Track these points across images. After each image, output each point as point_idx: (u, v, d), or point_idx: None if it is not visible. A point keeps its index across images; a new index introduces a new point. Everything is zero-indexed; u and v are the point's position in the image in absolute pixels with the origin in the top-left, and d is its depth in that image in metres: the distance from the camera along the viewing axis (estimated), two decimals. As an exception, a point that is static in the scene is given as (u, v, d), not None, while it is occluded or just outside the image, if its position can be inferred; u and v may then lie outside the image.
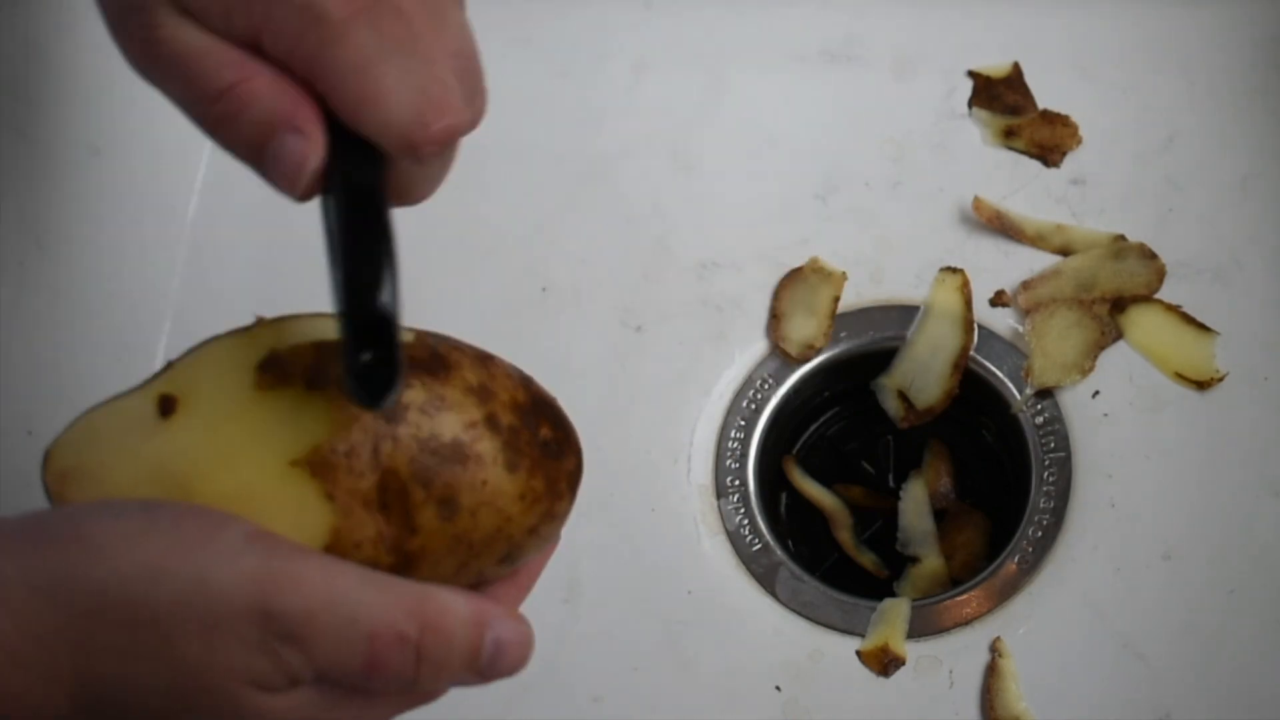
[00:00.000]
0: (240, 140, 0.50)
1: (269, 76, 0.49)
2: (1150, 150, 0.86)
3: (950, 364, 0.81)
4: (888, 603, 0.77)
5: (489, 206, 0.86)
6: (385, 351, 0.46)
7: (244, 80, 0.49)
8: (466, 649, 0.49)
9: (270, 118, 0.49)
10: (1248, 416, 0.79)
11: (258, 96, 0.49)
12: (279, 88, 0.49)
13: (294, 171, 0.49)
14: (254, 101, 0.49)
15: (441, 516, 0.49)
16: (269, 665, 0.45)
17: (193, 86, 0.50)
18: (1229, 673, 0.74)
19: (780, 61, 0.89)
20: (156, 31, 0.50)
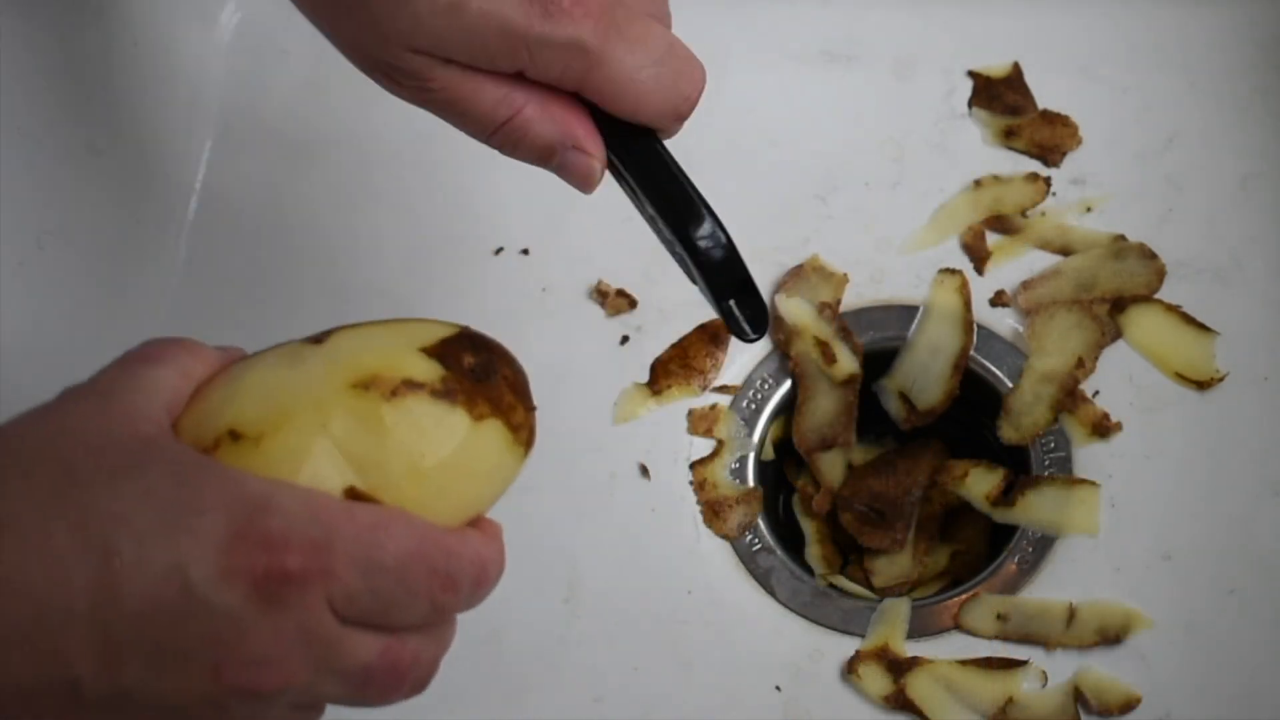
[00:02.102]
0: (527, 158, 0.60)
1: (537, 102, 0.59)
2: (1150, 150, 0.86)
3: (950, 364, 0.81)
4: (888, 603, 0.77)
5: (489, 206, 0.86)
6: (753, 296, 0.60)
7: (517, 113, 0.58)
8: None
9: (549, 141, 0.59)
10: (1248, 416, 0.79)
11: (531, 124, 0.59)
12: (548, 110, 0.59)
13: (584, 179, 0.60)
14: (529, 130, 0.59)
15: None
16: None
17: (470, 123, 0.59)
18: (1229, 673, 0.74)
19: (780, 61, 0.89)
20: (430, 84, 0.58)
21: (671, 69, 0.59)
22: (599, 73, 0.58)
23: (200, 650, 0.45)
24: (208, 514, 0.45)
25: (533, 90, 0.59)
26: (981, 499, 0.79)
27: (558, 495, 0.80)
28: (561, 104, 0.59)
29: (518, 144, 0.59)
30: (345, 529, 0.47)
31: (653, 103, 0.59)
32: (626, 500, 0.80)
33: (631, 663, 0.77)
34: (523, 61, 0.57)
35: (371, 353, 0.50)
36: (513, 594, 0.78)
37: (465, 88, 0.58)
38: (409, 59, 0.57)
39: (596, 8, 0.57)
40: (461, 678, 0.77)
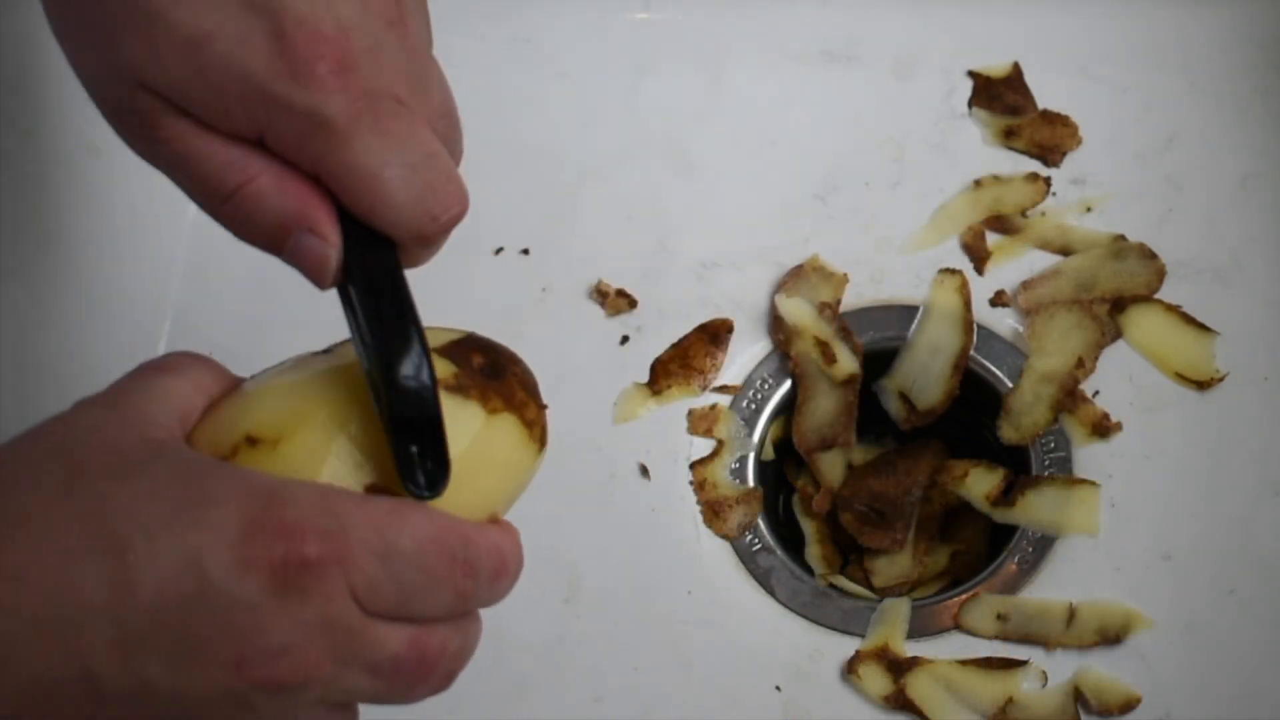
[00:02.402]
0: (255, 237, 0.52)
1: (274, 173, 0.51)
2: (1150, 150, 0.86)
3: (950, 365, 0.81)
4: (888, 603, 0.77)
5: (489, 206, 0.86)
6: (434, 445, 0.48)
7: (249, 181, 0.50)
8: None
9: (281, 218, 0.51)
10: (1248, 416, 0.79)
11: (265, 197, 0.51)
12: (285, 186, 0.51)
13: (317, 269, 0.51)
14: (262, 203, 0.51)
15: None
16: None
17: (199, 187, 0.51)
18: (1229, 673, 0.74)
19: (780, 61, 0.89)
20: (158, 132, 0.51)
21: (425, 179, 0.51)
22: (339, 155, 0.50)
23: (220, 642, 0.45)
24: (220, 506, 0.45)
25: (271, 162, 0.51)
26: (981, 499, 0.79)
27: (558, 495, 0.80)
28: (302, 183, 0.51)
29: (249, 217, 0.51)
30: (360, 517, 0.46)
31: (394, 206, 0.50)
32: (626, 500, 0.80)
33: (631, 663, 0.77)
34: (260, 123, 0.50)
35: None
36: (513, 594, 0.78)
37: (196, 143, 0.51)
38: (140, 98, 0.50)
39: (356, 87, 0.50)
40: (461, 678, 0.77)
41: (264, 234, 0.51)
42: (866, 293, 0.84)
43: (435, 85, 0.53)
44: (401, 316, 0.50)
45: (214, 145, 0.50)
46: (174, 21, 0.49)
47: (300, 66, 0.49)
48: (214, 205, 0.51)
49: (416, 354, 0.49)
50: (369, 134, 0.50)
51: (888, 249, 0.85)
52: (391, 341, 0.49)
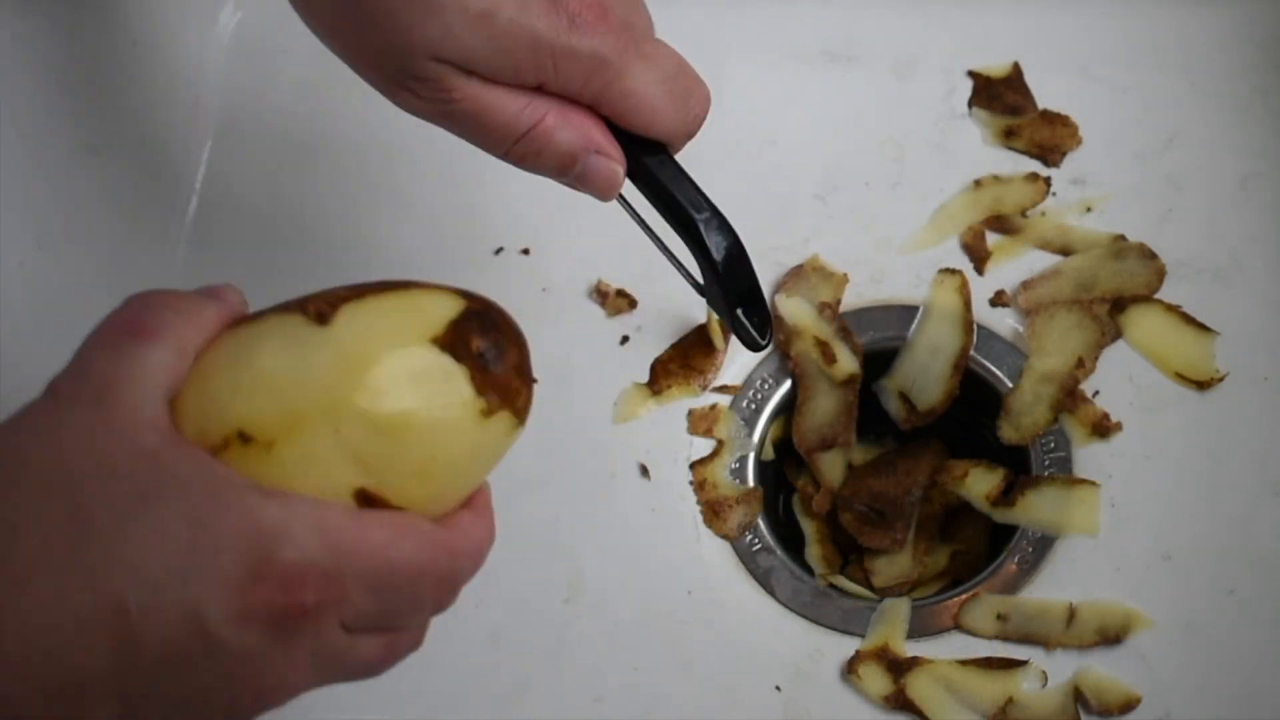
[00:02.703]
0: (545, 168, 0.62)
1: (558, 111, 0.60)
2: (1150, 150, 0.86)
3: (950, 365, 0.81)
4: (888, 603, 0.77)
5: (489, 207, 0.86)
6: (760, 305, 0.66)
7: (538, 121, 0.60)
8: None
9: (571, 148, 0.61)
10: (1248, 416, 0.79)
11: (554, 131, 0.60)
12: (569, 119, 0.61)
13: (607, 183, 0.63)
14: (552, 137, 0.60)
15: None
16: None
17: (492, 134, 0.60)
18: (1229, 673, 0.74)
19: (780, 61, 0.89)
20: (451, 94, 0.59)
21: (683, 87, 0.62)
22: (618, 86, 0.60)
23: (218, 688, 0.46)
24: (223, 554, 0.45)
25: (553, 101, 0.60)
26: (981, 499, 0.79)
27: (558, 495, 0.80)
28: (580, 113, 0.61)
29: (540, 152, 0.61)
30: (358, 552, 0.47)
31: (666, 118, 0.62)
32: (626, 500, 0.80)
33: (631, 663, 0.77)
34: (546, 73, 0.59)
35: (381, 343, 0.50)
36: (513, 594, 0.78)
37: (487, 98, 0.59)
38: (432, 68, 0.58)
39: (617, 23, 0.59)
40: (461, 678, 0.77)
41: (556, 162, 0.61)
42: (866, 293, 0.84)
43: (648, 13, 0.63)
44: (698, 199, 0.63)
45: (504, 96, 0.59)
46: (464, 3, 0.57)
47: (575, 19, 0.58)
48: (507, 145, 0.61)
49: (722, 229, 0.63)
50: (635, 61, 0.60)
51: (888, 249, 0.85)
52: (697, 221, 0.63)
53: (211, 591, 0.45)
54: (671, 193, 0.63)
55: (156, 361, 0.48)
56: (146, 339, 0.48)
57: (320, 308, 0.50)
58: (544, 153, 0.61)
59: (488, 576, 0.78)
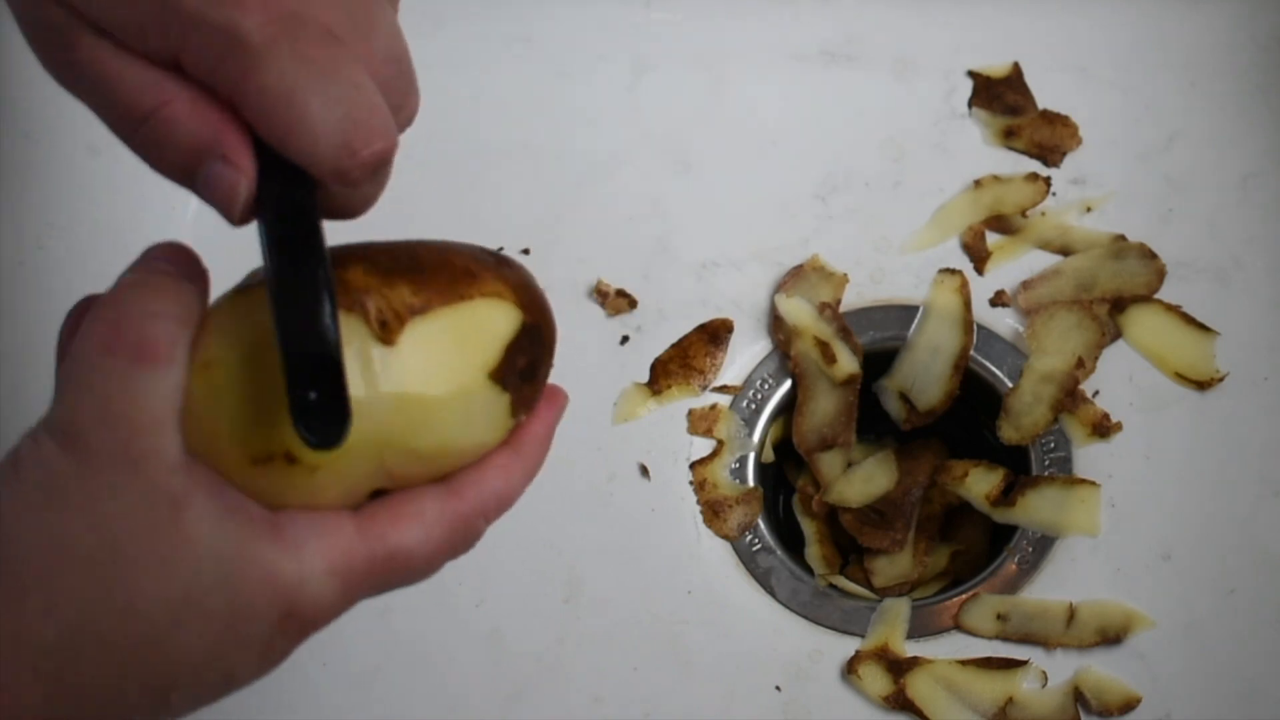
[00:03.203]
0: (168, 165, 0.49)
1: (190, 98, 0.48)
2: (1150, 150, 0.86)
3: (951, 365, 0.81)
4: (888, 603, 0.77)
5: (489, 206, 0.86)
6: (332, 390, 0.45)
7: (164, 104, 0.48)
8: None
9: (195, 144, 0.48)
10: (1248, 416, 0.79)
11: (180, 121, 0.48)
12: (201, 111, 0.48)
13: (226, 199, 0.48)
14: (176, 127, 0.48)
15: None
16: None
17: (114, 108, 0.49)
18: (1229, 673, 0.74)
19: (780, 61, 0.89)
20: (75, 52, 0.48)
21: (346, 110, 0.47)
22: (253, 77, 0.47)
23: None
24: (253, 623, 0.47)
25: (189, 87, 0.48)
26: (981, 499, 0.79)
27: (558, 495, 0.80)
28: (218, 110, 0.48)
29: (162, 142, 0.49)
30: (371, 572, 0.49)
31: (309, 135, 0.47)
32: (626, 500, 0.80)
33: (631, 663, 0.77)
34: (175, 42, 0.48)
35: (442, 383, 0.49)
36: (513, 594, 0.78)
37: (113, 63, 0.48)
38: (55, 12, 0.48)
39: (276, 8, 0.47)
40: (461, 678, 0.77)
41: (177, 160, 0.48)
42: (866, 293, 0.84)
43: (381, 29, 0.49)
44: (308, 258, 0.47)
45: (131, 66, 0.48)
46: None
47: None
48: (129, 130, 0.49)
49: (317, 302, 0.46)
50: (287, 57, 0.47)
51: (888, 249, 0.85)
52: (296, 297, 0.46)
53: (244, 656, 0.47)
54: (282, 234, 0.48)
55: (172, 389, 0.46)
56: (155, 364, 0.46)
57: (385, 318, 0.48)
58: (166, 144, 0.48)
59: (488, 576, 0.79)
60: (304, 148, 0.47)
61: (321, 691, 0.77)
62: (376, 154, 0.48)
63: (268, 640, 0.47)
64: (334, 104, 0.47)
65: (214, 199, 0.48)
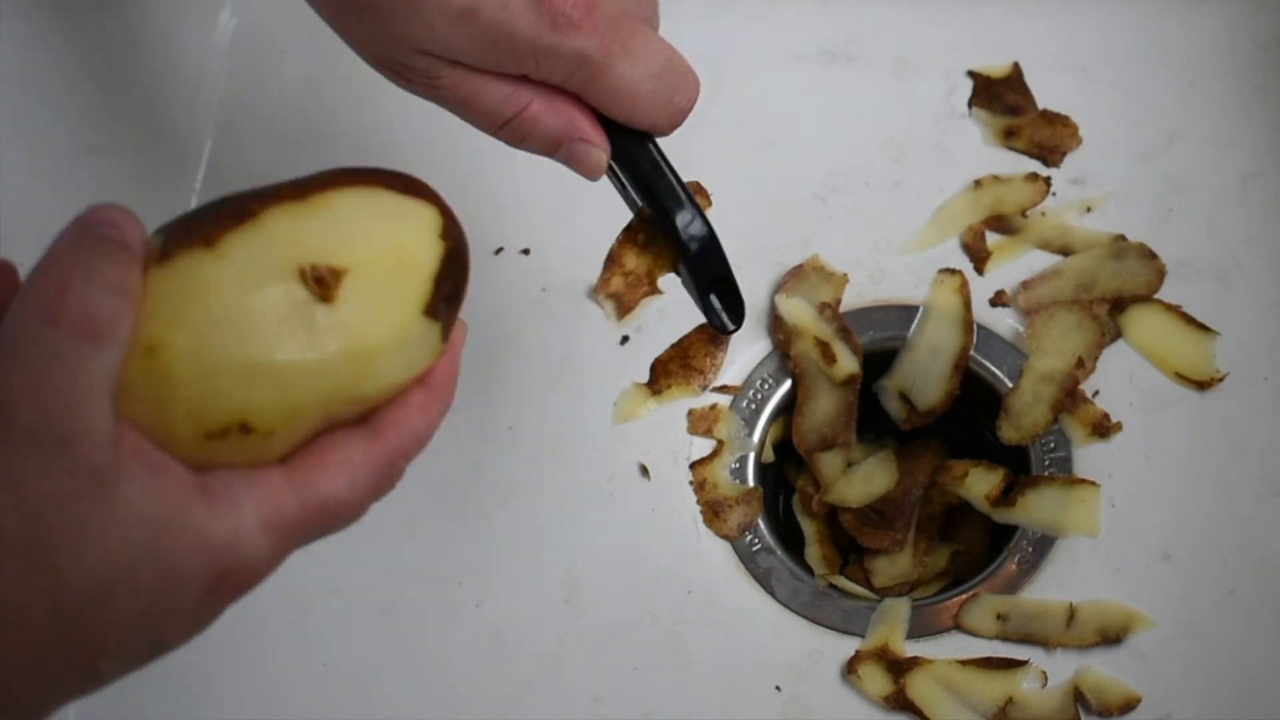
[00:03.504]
0: (535, 149, 0.63)
1: (543, 99, 0.61)
2: (1150, 150, 0.86)
3: (951, 365, 0.81)
4: (888, 603, 0.77)
5: (489, 207, 0.86)
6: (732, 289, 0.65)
7: (522, 109, 0.61)
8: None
9: (556, 134, 0.62)
10: (1248, 416, 0.79)
11: (538, 119, 0.62)
12: (554, 107, 0.62)
13: (591, 169, 0.63)
14: (538, 123, 0.62)
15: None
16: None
17: (480, 118, 0.62)
18: (1229, 673, 0.74)
19: (780, 61, 0.89)
20: (439, 81, 0.61)
21: (668, 82, 0.62)
22: (600, 83, 0.61)
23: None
24: (185, 590, 0.48)
25: (538, 88, 0.61)
26: (981, 499, 0.79)
27: (558, 495, 0.80)
28: (566, 100, 0.62)
29: (526, 137, 0.62)
30: (304, 522, 0.50)
31: (649, 111, 0.62)
32: (626, 500, 0.80)
33: (631, 663, 0.77)
34: (529, 68, 0.60)
35: (382, 329, 0.51)
36: (513, 594, 0.78)
37: (472, 85, 0.61)
38: (419, 60, 0.60)
39: (604, 22, 0.60)
40: (461, 677, 0.77)
41: (542, 145, 0.63)
42: (866, 293, 0.84)
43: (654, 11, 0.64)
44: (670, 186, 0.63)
45: (489, 84, 0.61)
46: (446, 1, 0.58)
47: (558, 18, 0.59)
48: (494, 128, 0.62)
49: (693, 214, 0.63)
50: (620, 59, 0.60)
51: (888, 249, 0.85)
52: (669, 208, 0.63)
53: (174, 623, 0.48)
54: (649, 182, 0.64)
55: (111, 365, 0.47)
56: (98, 339, 0.47)
57: (321, 274, 0.50)
58: (530, 137, 0.62)
59: (488, 576, 0.79)
60: (647, 121, 0.63)
61: (321, 691, 0.77)
62: (693, 103, 0.64)
63: (200, 603, 0.48)
64: (660, 82, 0.62)
65: (580, 169, 0.63)
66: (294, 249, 0.49)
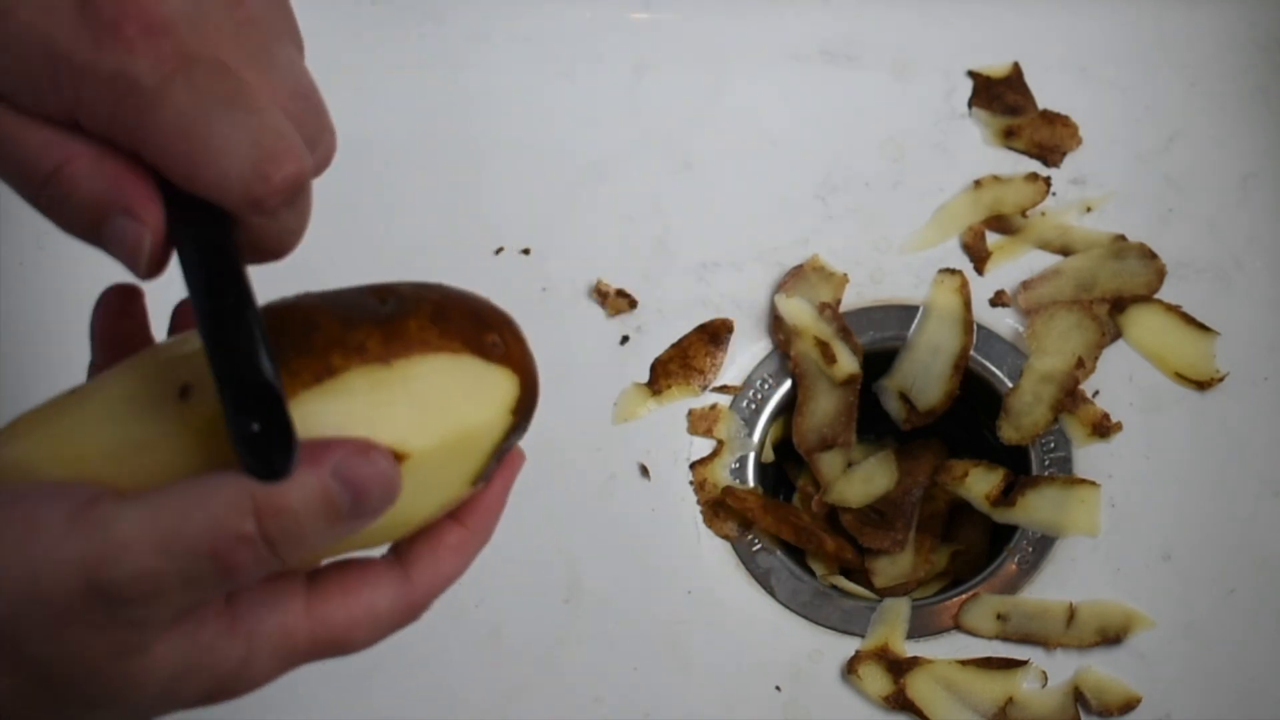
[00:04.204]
0: (75, 224, 0.48)
1: (91, 154, 0.47)
2: (1150, 150, 0.86)
3: (951, 365, 0.81)
4: (888, 603, 0.77)
5: (489, 206, 0.86)
6: (276, 419, 0.44)
7: (65, 163, 0.47)
8: (319, 510, 0.44)
9: (98, 200, 0.47)
10: (1248, 416, 0.79)
11: (82, 178, 0.47)
12: (102, 166, 0.47)
13: (131, 254, 0.47)
14: (79, 185, 0.47)
15: None
16: (126, 633, 0.44)
17: (16, 171, 0.48)
18: (1229, 673, 0.74)
19: (780, 61, 0.89)
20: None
21: (250, 135, 0.46)
22: (153, 118, 0.46)
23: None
24: (185, 699, 0.47)
25: (90, 144, 0.47)
26: (981, 499, 0.79)
27: (558, 495, 0.80)
28: (120, 163, 0.47)
29: (65, 201, 0.47)
30: (305, 660, 0.48)
31: (215, 164, 0.45)
32: (626, 500, 0.80)
33: (631, 663, 0.77)
34: (69, 98, 0.47)
35: (425, 509, 0.49)
36: (513, 594, 0.78)
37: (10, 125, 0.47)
38: None
39: (169, 46, 0.46)
40: (461, 678, 0.77)
41: (82, 219, 0.47)
42: (866, 293, 0.84)
43: (281, 66, 0.48)
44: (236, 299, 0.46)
45: (29, 128, 0.47)
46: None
47: (105, 29, 0.45)
48: (33, 191, 0.48)
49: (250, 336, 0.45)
50: (183, 92, 0.45)
51: (888, 249, 0.85)
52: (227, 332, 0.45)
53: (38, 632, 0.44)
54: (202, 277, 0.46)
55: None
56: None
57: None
58: (69, 203, 0.47)
59: (488, 576, 0.79)
60: (212, 179, 0.45)
61: (321, 691, 0.77)
62: (289, 178, 0.46)
63: (190, 706, 0.47)
64: (238, 130, 0.45)
65: (119, 254, 0.47)
66: (364, 423, 0.46)
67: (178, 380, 0.47)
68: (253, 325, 0.45)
